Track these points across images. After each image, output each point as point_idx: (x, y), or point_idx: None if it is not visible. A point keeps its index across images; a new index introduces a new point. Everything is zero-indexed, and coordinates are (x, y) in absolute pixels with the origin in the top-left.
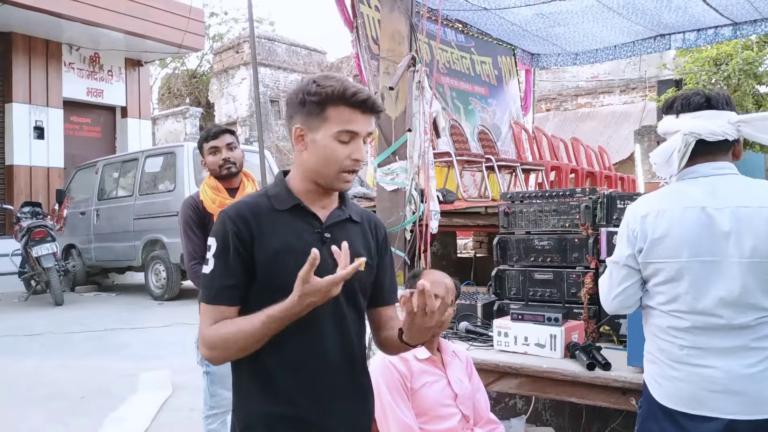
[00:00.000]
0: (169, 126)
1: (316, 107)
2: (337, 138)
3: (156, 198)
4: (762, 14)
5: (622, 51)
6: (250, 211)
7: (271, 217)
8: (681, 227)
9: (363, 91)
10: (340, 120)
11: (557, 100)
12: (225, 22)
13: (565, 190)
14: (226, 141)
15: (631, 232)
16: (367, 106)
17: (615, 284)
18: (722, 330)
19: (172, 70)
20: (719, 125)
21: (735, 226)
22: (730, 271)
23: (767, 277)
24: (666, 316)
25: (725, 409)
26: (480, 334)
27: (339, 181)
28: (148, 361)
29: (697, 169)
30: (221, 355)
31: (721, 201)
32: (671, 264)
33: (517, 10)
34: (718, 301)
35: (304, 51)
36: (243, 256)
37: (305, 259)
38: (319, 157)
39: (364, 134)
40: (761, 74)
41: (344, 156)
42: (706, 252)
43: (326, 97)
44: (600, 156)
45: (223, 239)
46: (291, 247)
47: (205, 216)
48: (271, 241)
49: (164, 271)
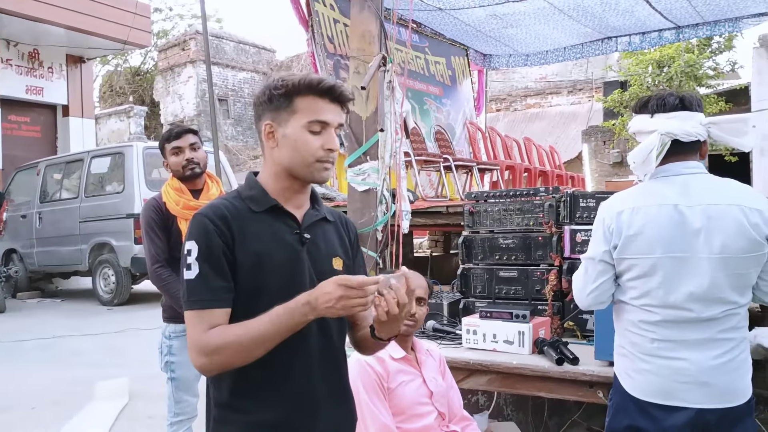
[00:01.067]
0: (111, 125)
1: (283, 100)
2: (308, 129)
3: (104, 200)
4: (704, 18)
5: (571, 53)
6: (228, 211)
7: (249, 218)
8: (655, 224)
9: (329, 80)
10: (309, 110)
11: (507, 100)
12: (170, 18)
13: (529, 189)
14: (189, 141)
15: (607, 228)
16: (334, 94)
17: (590, 280)
18: (692, 323)
19: (114, 67)
20: (693, 126)
21: (705, 223)
22: (700, 267)
23: (735, 272)
24: (638, 310)
25: (694, 399)
26: (447, 332)
27: (316, 171)
28: (103, 369)
29: (670, 168)
30: (226, 360)
31: (692, 199)
32: (645, 260)
33: (471, 10)
34: (689, 296)
35: (252, 49)
36: (228, 256)
37: (287, 261)
38: (292, 151)
39: (335, 124)
40: (701, 76)
41: (317, 146)
42: (678, 248)
43: (293, 88)
44: (551, 155)
45: (206, 240)
46: (272, 250)
47: (168, 218)
48: (252, 243)
49: (113, 275)
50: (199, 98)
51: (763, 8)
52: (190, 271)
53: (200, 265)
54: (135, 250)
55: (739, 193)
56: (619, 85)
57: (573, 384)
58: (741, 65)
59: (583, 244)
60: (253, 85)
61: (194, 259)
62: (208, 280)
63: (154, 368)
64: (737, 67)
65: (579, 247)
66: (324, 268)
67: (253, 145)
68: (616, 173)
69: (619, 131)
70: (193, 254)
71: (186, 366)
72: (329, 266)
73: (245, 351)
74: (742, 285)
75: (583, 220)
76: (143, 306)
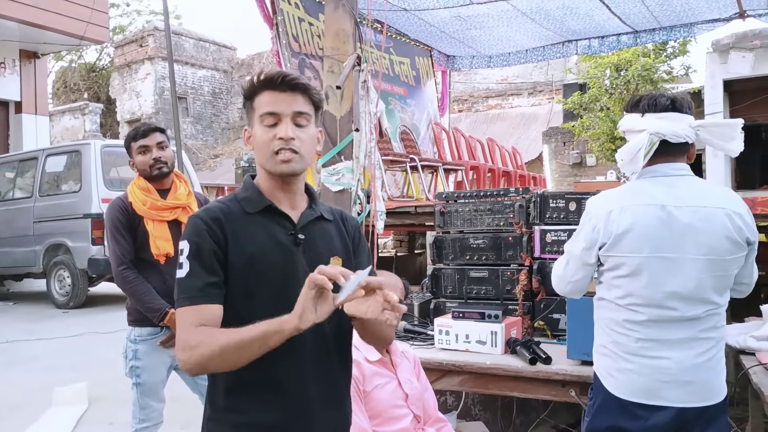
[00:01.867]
0: (66, 122)
1: (248, 103)
2: (261, 123)
3: (59, 199)
4: (660, 23)
5: (533, 55)
6: (222, 213)
7: (243, 220)
8: (643, 224)
9: (273, 71)
10: (261, 105)
11: (469, 101)
12: (127, 14)
13: (499, 190)
14: (157, 140)
15: (593, 227)
16: (276, 83)
17: (569, 273)
18: (675, 322)
19: (68, 63)
20: (682, 128)
21: (693, 224)
22: (686, 267)
23: (719, 273)
24: (622, 309)
25: (676, 398)
26: (419, 333)
27: (276, 163)
28: (61, 374)
29: (658, 168)
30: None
31: (680, 200)
32: (632, 258)
33: (436, 11)
34: (673, 295)
35: (213, 47)
36: (219, 257)
37: (280, 262)
38: (257, 149)
39: (288, 113)
40: (657, 80)
41: (270, 138)
42: (665, 248)
43: (249, 89)
44: (513, 156)
45: (197, 240)
46: (265, 251)
47: (134, 218)
48: (245, 244)
49: (69, 277)
50: (158, 96)
51: (717, 14)
52: (182, 270)
53: (190, 263)
54: (92, 251)
55: (724, 196)
56: (579, 88)
57: (546, 383)
58: (694, 69)
59: (553, 244)
60: (213, 83)
61: (185, 258)
62: (197, 276)
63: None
64: (691, 71)
65: (549, 247)
66: None
67: (213, 144)
68: (575, 174)
69: (578, 132)
70: (184, 253)
71: (152, 371)
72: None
73: (226, 356)
74: (723, 286)
75: (553, 220)
76: (100, 309)
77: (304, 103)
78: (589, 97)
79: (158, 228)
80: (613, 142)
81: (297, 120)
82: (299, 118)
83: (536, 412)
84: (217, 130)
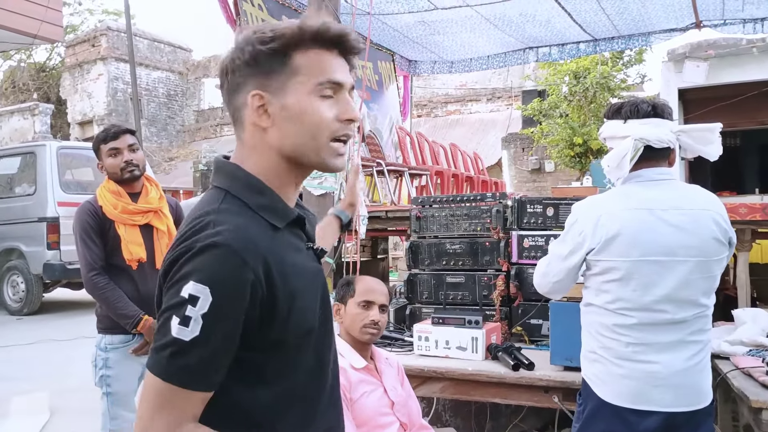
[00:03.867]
0: (14, 123)
1: (277, 59)
2: (317, 93)
3: (12, 203)
4: (619, 32)
5: (494, 61)
6: (264, 245)
7: (277, 245)
8: (632, 228)
9: (334, 24)
10: (317, 68)
11: (428, 106)
12: (78, 13)
13: (476, 195)
14: (128, 142)
15: (579, 232)
16: (346, 45)
17: (552, 274)
18: (665, 325)
19: (16, 62)
20: (665, 133)
21: (680, 227)
22: (675, 270)
23: (706, 275)
24: (612, 314)
25: (666, 402)
26: (396, 339)
27: (331, 155)
28: (17, 383)
29: (643, 173)
30: None
31: (667, 203)
32: (622, 263)
33: (400, 16)
34: (664, 297)
35: (168, 48)
36: (250, 317)
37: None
38: (300, 127)
39: (348, 86)
40: (614, 87)
41: (332, 117)
42: (654, 251)
43: (290, 39)
44: (475, 161)
45: (231, 294)
46: (305, 284)
47: (104, 222)
48: (289, 282)
49: (23, 283)
50: (110, 97)
51: (674, 24)
52: (186, 329)
53: (207, 328)
54: (47, 256)
55: (707, 199)
56: (537, 94)
57: (528, 389)
58: (650, 78)
59: (531, 250)
60: (168, 84)
61: (200, 315)
62: (211, 352)
63: (73, 381)
64: (646, 79)
65: (527, 253)
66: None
67: (168, 146)
68: (534, 179)
69: (537, 139)
70: (200, 306)
71: (123, 380)
72: None
73: None
74: (710, 288)
75: (531, 225)
76: (56, 316)
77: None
78: (549, 104)
79: (130, 232)
80: (571, 149)
81: (351, 94)
82: (351, 92)
83: (506, 417)
84: (172, 132)
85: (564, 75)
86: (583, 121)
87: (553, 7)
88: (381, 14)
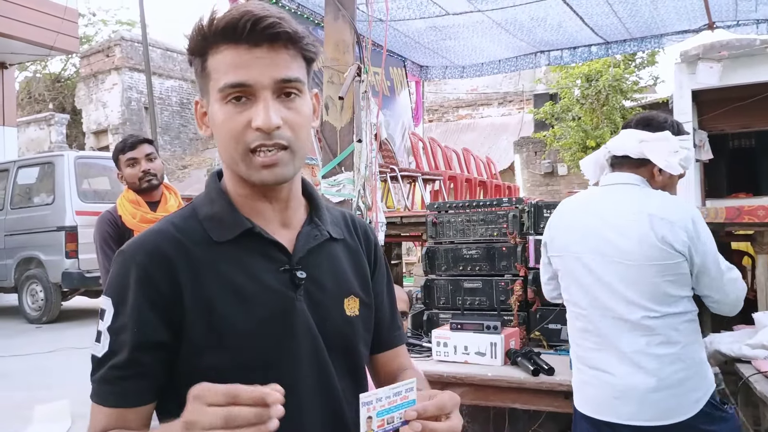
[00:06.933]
0: (31, 134)
1: (197, 62)
2: (223, 100)
3: (31, 212)
4: (631, 34)
5: (506, 65)
6: (172, 247)
7: (208, 255)
8: (569, 227)
9: (237, 11)
10: (221, 69)
11: (439, 111)
12: (93, 24)
13: (492, 200)
14: (146, 152)
15: (545, 232)
16: (243, 33)
17: (544, 280)
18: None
19: (32, 73)
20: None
21: (628, 230)
22: (609, 270)
23: (651, 279)
24: (574, 317)
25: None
26: (414, 344)
27: (253, 168)
28: (37, 391)
29: (606, 178)
30: None
31: (613, 206)
32: (559, 259)
33: (411, 22)
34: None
35: (180, 57)
36: (165, 322)
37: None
38: (218, 138)
39: (268, 84)
40: (627, 89)
41: (240, 126)
42: (587, 250)
43: (198, 40)
44: (488, 166)
45: (127, 297)
46: (248, 308)
47: (124, 232)
48: (214, 298)
49: (42, 291)
50: (125, 106)
51: (687, 26)
52: (99, 344)
53: (111, 338)
54: (66, 264)
55: (661, 204)
56: (549, 98)
57: (548, 395)
58: (662, 80)
59: None
60: (181, 93)
61: (106, 329)
62: (120, 362)
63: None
64: (659, 81)
65: None
66: (332, 320)
67: (181, 154)
68: (547, 183)
69: (550, 142)
70: (105, 319)
71: None
72: (339, 314)
73: None
74: (658, 293)
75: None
76: (75, 324)
77: (290, 62)
78: (561, 107)
79: None
80: (584, 152)
81: (285, 90)
82: (288, 87)
83: (524, 422)
84: (185, 140)
85: (576, 78)
86: (595, 123)
87: (565, 11)
88: (393, 20)
